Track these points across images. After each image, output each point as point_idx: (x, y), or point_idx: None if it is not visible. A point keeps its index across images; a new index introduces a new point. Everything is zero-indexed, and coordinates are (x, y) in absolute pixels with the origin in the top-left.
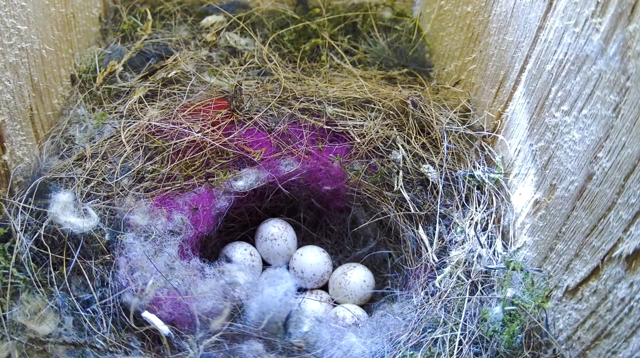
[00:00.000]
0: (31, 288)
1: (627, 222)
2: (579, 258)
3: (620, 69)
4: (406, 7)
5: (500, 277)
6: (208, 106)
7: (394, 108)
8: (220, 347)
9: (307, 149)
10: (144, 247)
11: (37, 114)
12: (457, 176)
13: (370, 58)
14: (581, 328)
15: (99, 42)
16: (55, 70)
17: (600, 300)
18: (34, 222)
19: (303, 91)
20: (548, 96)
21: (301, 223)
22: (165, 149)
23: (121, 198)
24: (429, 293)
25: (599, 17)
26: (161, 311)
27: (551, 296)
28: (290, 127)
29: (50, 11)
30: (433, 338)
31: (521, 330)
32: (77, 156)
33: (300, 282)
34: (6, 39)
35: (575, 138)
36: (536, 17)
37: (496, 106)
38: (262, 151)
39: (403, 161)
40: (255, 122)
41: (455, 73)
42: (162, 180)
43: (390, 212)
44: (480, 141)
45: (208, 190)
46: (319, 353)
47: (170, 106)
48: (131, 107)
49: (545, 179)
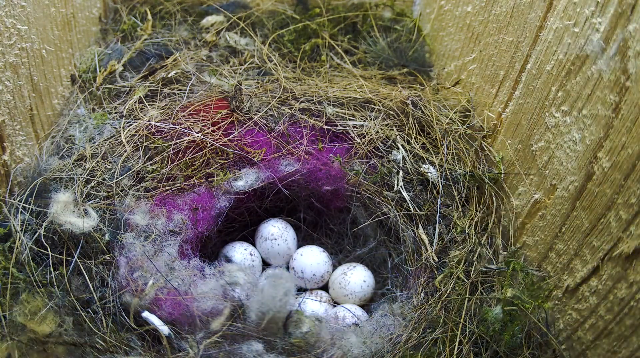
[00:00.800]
0: (31, 288)
1: (627, 222)
2: (579, 258)
3: (620, 69)
4: (406, 7)
5: (500, 277)
6: (208, 106)
7: (394, 108)
8: (220, 347)
9: (307, 149)
10: (144, 247)
11: (37, 114)
12: (457, 176)
13: (370, 58)
14: (581, 328)
15: (99, 42)
16: (55, 70)
17: (600, 299)
18: (34, 222)
19: (303, 91)
20: (548, 96)
21: (301, 223)
22: (165, 149)
23: (121, 198)
24: (429, 293)
25: (599, 17)
26: (161, 311)
27: (551, 296)
28: (290, 127)
29: (50, 11)
30: (433, 338)
31: (521, 330)
32: (77, 156)
33: (300, 282)
34: (6, 39)
35: (575, 137)
36: (536, 17)
37: (496, 106)
38: (262, 151)
39: (403, 161)
40: (255, 122)
41: (455, 73)
42: (162, 180)
43: (390, 212)
44: (480, 141)
45: (208, 190)
46: (319, 353)
47: (170, 106)
48: (131, 107)
49: (545, 179)
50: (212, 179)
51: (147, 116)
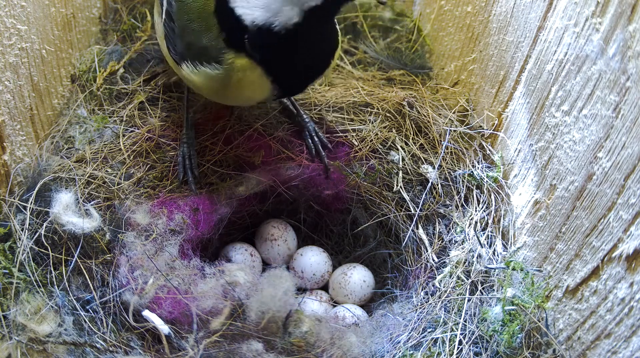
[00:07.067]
0: (31, 288)
1: (627, 222)
2: (579, 258)
3: (620, 69)
4: (406, 7)
5: (500, 277)
6: (207, 119)
7: (391, 110)
8: (220, 346)
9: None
10: (144, 246)
11: (37, 114)
12: (456, 176)
13: (370, 58)
14: (581, 328)
15: (99, 42)
16: (55, 70)
17: (600, 300)
18: (34, 222)
19: (302, 98)
20: (548, 96)
21: (301, 224)
22: (164, 160)
23: (121, 201)
24: (429, 293)
25: (599, 17)
26: (161, 310)
27: (551, 296)
28: (289, 134)
29: (50, 11)
30: (433, 338)
31: (521, 330)
32: (77, 157)
33: (300, 282)
34: (6, 39)
35: (575, 138)
36: (536, 17)
37: (496, 106)
38: (261, 154)
39: (402, 162)
40: (254, 129)
41: (455, 73)
42: (163, 188)
43: (390, 213)
44: (479, 141)
45: (209, 196)
46: (318, 353)
47: (171, 116)
48: (131, 114)
49: (545, 179)
50: (212, 188)
51: (147, 126)
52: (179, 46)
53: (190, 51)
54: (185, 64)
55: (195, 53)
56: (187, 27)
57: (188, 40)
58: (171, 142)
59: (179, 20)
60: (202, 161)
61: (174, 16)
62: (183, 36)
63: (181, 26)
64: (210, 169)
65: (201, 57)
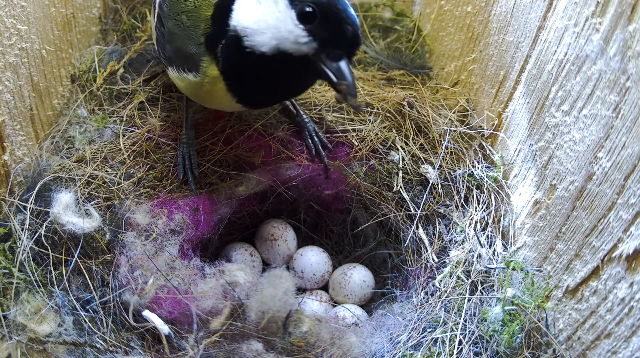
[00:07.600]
0: (31, 288)
1: (627, 222)
2: (579, 258)
3: (620, 69)
4: (406, 7)
5: (500, 277)
6: (207, 119)
7: (391, 110)
8: (220, 346)
9: (306, 156)
10: (144, 246)
11: (37, 114)
12: (456, 176)
13: (370, 58)
14: (581, 328)
15: (99, 42)
16: (55, 70)
17: (600, 300)
18: (34, 222)
19: (302, 98)
20: (548, 96)
21: (301, 224)
22: (164, 160)
23: (121, 201)
24: (429, 293)
25: (599, 17)
26: (161, 310)
27: (551, 296)
28: (289, 134)
29: (50, 11)
30: (433, 338)
31: (521, 330)
32: (77, 157)
33: (300, 282)
34: (6, 39)
35: (575, 138)
36: (536, 17)
37: (496, 106)
38: (261, 154)
39: (402, 162)
40: (254, 129)
41: (455, 73)
42: (163, 188)
43: (390, 213)
44: (479, 141)
45: (209, 196)
46: (318, 353)
47: (171, 116)
48: (131, 114)
49: (545, 179)
50: (212, 188)
51: (147, 126)
52: (167, 50)
53: (176, 55)
54: (172, 68)
55: (180, 58)
56: (175, 30)
57: (175, 46)
58: (171, 142)
59: (168, 24)
60: (202, 161)
61: (164, 20)
62: (171, 41)
63: (170, 31)
64: (210, 169)
65: (184, 64)
